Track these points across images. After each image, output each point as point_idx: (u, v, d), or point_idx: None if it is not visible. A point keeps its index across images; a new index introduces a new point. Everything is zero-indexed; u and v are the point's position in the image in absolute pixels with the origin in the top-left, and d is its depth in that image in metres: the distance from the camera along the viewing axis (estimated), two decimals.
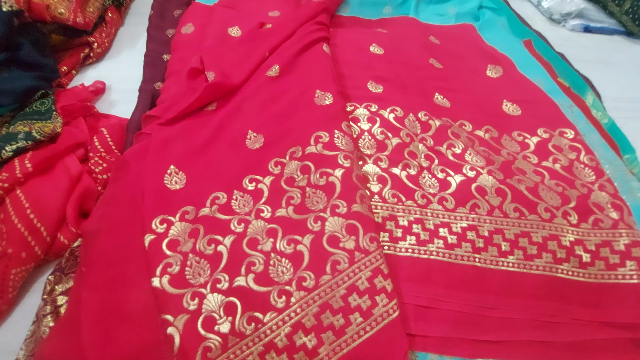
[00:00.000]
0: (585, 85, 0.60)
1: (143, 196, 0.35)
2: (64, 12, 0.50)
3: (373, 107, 0.44)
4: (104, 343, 0.28)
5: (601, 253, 0.35)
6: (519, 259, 0.35)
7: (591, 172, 0.41)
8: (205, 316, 0.28)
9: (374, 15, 0.64)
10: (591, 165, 0.42)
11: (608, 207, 0.38)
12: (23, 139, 0.37)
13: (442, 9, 0.67)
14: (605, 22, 0.81)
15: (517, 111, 0.48)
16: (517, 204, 0.37)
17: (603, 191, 0.39)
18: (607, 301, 0.34)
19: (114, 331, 0.28)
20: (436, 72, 0.52)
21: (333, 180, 0.36)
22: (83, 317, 0.28)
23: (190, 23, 0.56)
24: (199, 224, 0.33)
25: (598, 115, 0.56)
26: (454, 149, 0.42)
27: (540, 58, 0.62)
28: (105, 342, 0.28)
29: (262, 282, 0.30)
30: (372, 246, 0.32)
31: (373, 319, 0.29)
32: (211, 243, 0.32)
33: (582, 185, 0.40)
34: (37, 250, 0.33)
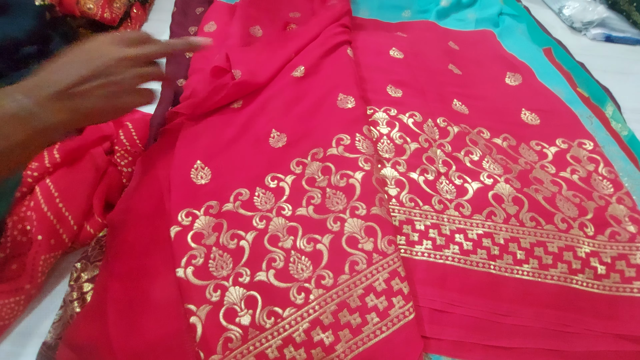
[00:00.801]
0: (605, 95, 0.59)
1: (170, 189, 0.36)
2: (93, 7, 0.52)
3: (392, 111, 0.44)
4: (129, 330, 0.29)
5: (617, 266, 0.35)
6: (534, 267, 0.35)
7: (609, 185, 0.41)
8: (227, 308, 0.29)
9: (393, 18, 0.65)
10: (610, 177, 0.42)
11: (625, 221, 0.38)
12: None
13: (462, 14, 0.67)
14: (628, 32, 0.80)
15: (535, 120, 0.48)
16: (533, 213, 0.37)
17: (621, 204, 0.39)
18: (621, 314, 0.34)
19: (139, 319, 0.29)
20: (455, 78, 0.52)
21: (353, 182, 0.36)
22: (109, 305, 0.29)
23: (212, 21, 0.57)
24: (223, 219, 0.34)
25: (618, 127, 0.55)
26: (472, 156, 0.42)
27: (560, 67, 0.62)
28: (130, 329, 0.29)
29: (282, 278, 0.31)
30: (390, 249, 0.32)
31: (389, 320, 0.30)
32: (234, 238, 0.33)
33: (599, 198, 0.40)
34: (64, 238, 0.34)
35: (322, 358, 0.28)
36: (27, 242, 0.32)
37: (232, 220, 0.34)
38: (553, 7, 0.82)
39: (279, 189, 0.37)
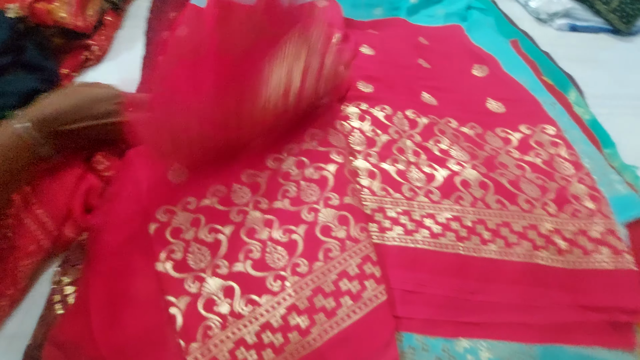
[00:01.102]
0: (568, 82, 0.62)
1: (147, 189, 0.36)
2: (65, 16, 0.52)
3: (363, 105, 0.46)
4: (111, 325, 0.30)
5: (578, 241, 0.38)
6: (500, 247, 0.37)
7: (571, 166, 0.43)
8: (206, 298, 0.31)
9: (365, 16, 0.67)
10: (571, 159, 0.44)
11: (585, 198, 0.40)
12: None
13: (431, 10, 0.69)
14: (591, 21, 0.83)
15: (501, 109, 0.50)
16: (499, 195, 0.39)
17: (582, 184, 0.42)
18: (583, 286, 0.36)
19: (121, 314, 0.31)
20: (424, 72, 0.54)
21: (326, 174, 0.38)
22: (91, 303, 0.30)
23: (184, 25, 0.58)
24: (200, 214, 0.35)
25: (580, 112, 0.58)
26: (440, 145, 0.44)
27: (526, 57, 0.64)
28: (112, 324, 0.30)
29: (259, 268, 0.32)
30: (362, 235, 0.34)
31: (362, 302, 0.31)
32: (212, 232, 0.35)
33: (561, 178, 0.42)
34: (44, 243, 0.35)
35: (299, 341, 0.29)
36: (8, 248, 0.33)
37: (210, 215, 0.35)
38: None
39: (254, 184, 0.38)
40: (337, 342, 0.30)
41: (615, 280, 0.36)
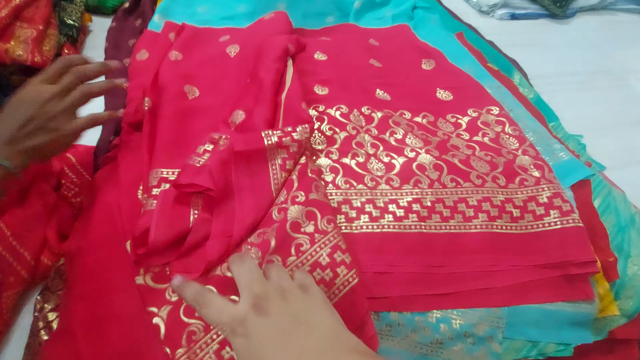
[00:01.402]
0: (511, 66, 0.67)
1: (120, 212, 0.38)
2: (22, 54, 0.53)
3: (320, 107, 0.49)
4: (99, 344, 0.31)
5: (528, 207, 0.41)
6: (459, 221, 0.40)
7: (515, 141, 0.47)
8: (186, 305, 0.32)
9: (317, 25, 0.70)
10: (514, 134, 0.48)
11: (531, 168, 0.44)
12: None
13: (379, 13, 0.73)
14: (529, 8, 0.90)
15: (449, 97, 0.54)
16: (452, 175, 0.42)
17: (526, 155, 0.45)
18: (538, 247, 0.39)
19: (106, 332, 0.31)
20: (376, 71, 0.57)
21: (292, 177, 0.40)
22: (76, 325, 0.31)
23: (144, 49, 0.60)
24: None
25: (525, 92, 0.63)
26: (396, 135, 0.47)
27: (471, 48, 0.69)
28: (99, 343, 0.31)
29: None
30: (329, 227, 0.36)
31: (336, 288, 0.33)
32: None
33: (507, 153, 0.46)
34: (23, 273, 0.35)
35: None
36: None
37: None
38: None
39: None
40: None
41: (566, 237, 0.39)
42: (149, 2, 0.75)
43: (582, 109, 0.66)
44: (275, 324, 0.23)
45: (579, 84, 0.74)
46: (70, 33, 0.63)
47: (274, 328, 0.23)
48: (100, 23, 0.73)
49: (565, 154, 0.48)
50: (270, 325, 0.23)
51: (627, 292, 0.40)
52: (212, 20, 0.70)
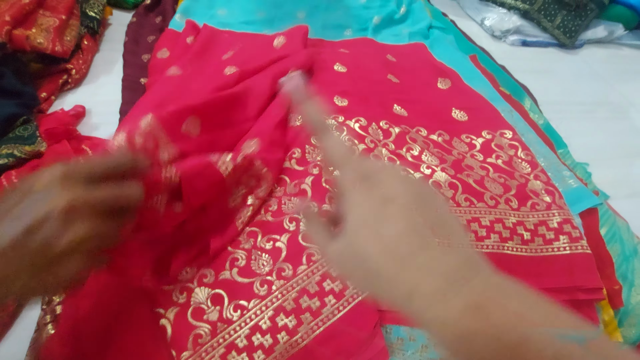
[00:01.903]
0: (523, 92, 0.69)
1: None
2: (43, 42, 0.53)
3: (340, 118, 0.49)
4: (105, 343, 0.30)
5: (539, 231, 0.41)
6: (472, 240, 0.40)
7: (527, 165, 0.48)
8: (194, 307, 0.32)
9: (336, 37, 0.71)
10: (527, 159, 0.49)
11: (542, 193, 0.45)
12: (5, 156, 0.39)
13: (396, 29, 0.75)
14: (540, 37, 0.92)
15: (464, 117, 0.55)
16: (467, 194, 0.43)
17: (537, 180, 0.46)
18: (547, 270, 0.39)
19: (112, 331, 0.31)
20: (394, 86, 0.58)
21: (304, 187, 0.40)
22: (82, 323, 0.30)
23: (165, 48, 0.60)
24: None
25: (535, 117, 0.64)
26: (412, 152, 0.47)
27: (484, 70, 0.70)
28: (105, 342, 0.30)
29: (246, 275, 0.34)
30: None
31: (345, 300, 0.33)
32: None
33: (520, 176, 0.46)
34: None
35: (287, 341, 0.30)
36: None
37: None
38: (476, 19, 0.93)
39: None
40: (323, 339, 0.31)
41: (574, 263, 0.39)
42: (170, 1, 0.76)
43: (586, 137, 0.68)
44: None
45: (583, 113, 0.75)
46: (91, 25, 0.63)
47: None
48: (120, 17, 0.73)
49: (574, 182, 0.49)
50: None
51: (630, 320, 0.40)
52: (232, 23, 0.71)
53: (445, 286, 0.17)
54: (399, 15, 0.77)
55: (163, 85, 0.49)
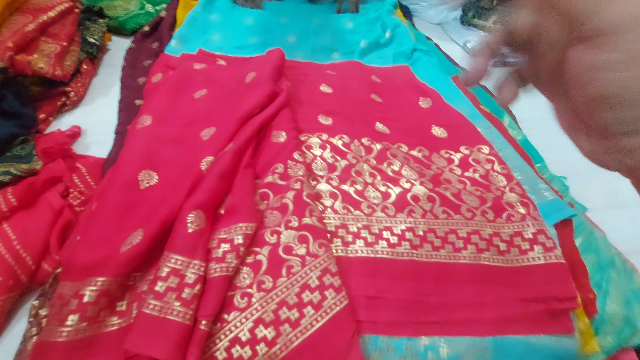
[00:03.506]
0: (502, 110, 0.72)
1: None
2: (44, 67, 0.56)
3: (324, 136, 0.52)
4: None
5: (514, 242, 0.43)
6: (449, 251, 0.42)
7: (503, 179, 0.50)
8: None
9: (324, 59, 0.75)
10: (503, 172, 0.51)
11: (517, 205, 0.47)
12: (2, 174, 0.41)
13: (381, 52, 0.79)
14: (519, 56, 0.96)
15: (443, 134, 0.57)
16: (444, 207, 0.45)
17: (513, 192, 0.48)
18: (522, 280, 0.41)
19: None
20: (377, 105, 0.61)
21: (286, 201, 0.42)
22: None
23: (159, 73, 0.63)
24: None
25: (514, 133, 0.67)
26: (393, 167, 0.50)
27: (465, 90, 0.74)
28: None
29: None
30: (320, 250, 0.37)
31: (323, 310, 0.34)
32: None
33: (496, 189, 0.48)
34: (22, 278, 0.36)
35: (266, 352, 0.31)
36: None
37: None
38: (459, 42, 0.98)
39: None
40: (302, 350, 0.32)
41: (548, 273, 0.41)
42: (167, 27, 0.80)
43: (566, 152, 0.70)
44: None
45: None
46: (91, 50, 0.67)
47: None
48: (119, 42, 0.77)
49: (550, 194, 0.51)
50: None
51: (606, 328, 0.41)
52: (226, 48, 0.75)
53: None
54: (384, 39, 0.81)
55: (136, 140, 0.47)
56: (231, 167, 0.42)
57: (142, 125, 0.49)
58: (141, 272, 0.36)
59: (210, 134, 0.49)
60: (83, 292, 0.31)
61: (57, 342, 0.29)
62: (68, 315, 0.30)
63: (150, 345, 0.29)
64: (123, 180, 0.41)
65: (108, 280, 0.32)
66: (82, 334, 0.30)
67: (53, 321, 0.31)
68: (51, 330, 0.30)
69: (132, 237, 0.36)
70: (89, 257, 0.34)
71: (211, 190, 0.39)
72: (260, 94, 0.50)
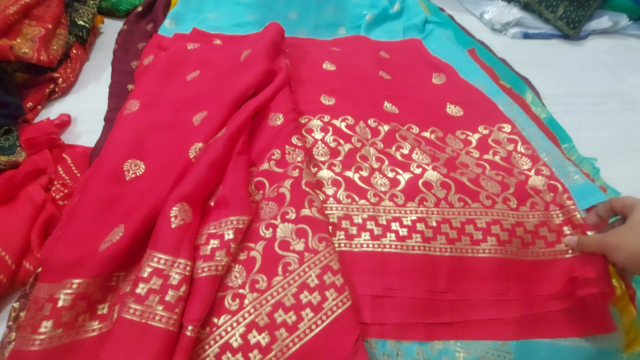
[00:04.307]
0: (524, 85, 0.65)
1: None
2: (28, 52, 0.53)
3: (325, 117, 0.47)
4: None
5: (540, 232, 0.38)
6: (467, 244, 0.37)
7: (528, 160, 0.45)
8: None
9: (329, 36, 0.69)
10: (527, 153, 0.45)
11: (544, 189, 0.41)
12: None
13: (390, 26, 0.72)
14: (542, 28, 0.88)
15: (459, 112, 0.52)
16: (461, 194, 0.40)
17: (539, 175, 0.43)
18: (548, 276, 0.36)
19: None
20: (385, 83, 0.56)
21: (283, 191, 0.38)
22: None
23: (151, 55, 0.59)
24: None
25: (537, 111, 0.61)
26: (402, 150, 0.45)
27: (483, 64, 0.67)
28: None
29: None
30: (320, 246, 0.34)
31: (323, 313, 0.30)
32: None
33: (519, 173, 0.43)
34: (2, 278, 0.33)
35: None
36: None
37: None
38: (475, 13, 0.90)
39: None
40: (299, 357, 0.29)
41: (579, 266, 0.36)
42: (162, 7, 0.75)
43: (594, 131, 0.64)
44: None
45: (590, 105, 0.72)
46: (80, 34, 0.63)
47: None
48: (112, 25, 0.73)
49: (580, 177, 0.45)
50: None
51: None
52: (223, 27, 0.70)
53: None
54: (393, 11, 0.75)
55: (123, 128, 0.44)
56: (223, 156, 0.38)
57: (129, 110, 0.46)
58: (124, 272, 0.33)
59: (202, 119, 0.45)
60: (58, 296, 0.28)
61: (30, 351, 0.27)
62: (41, 322, 0.28)
63: (130, 354, 0.26)
64: (107, 171, 0.38)
65: (85, 282, 0.29)
66: (57, 341, 0.28)
67: (27, 327, 0.28)
68: (24, 338, 0.27)
69: (112, 234, 0.32)
70: (66, 256, 0.31)
71: (199, 180, 0.35)
72: (254, 72, 0.46)
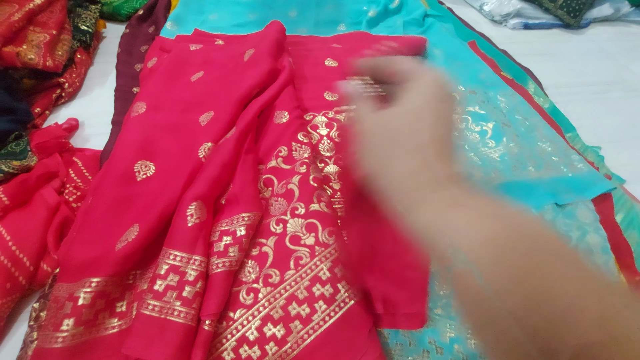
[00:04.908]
0: (526, 76, 0.66)
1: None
2: (34, 58, 0.53)
3: (330, 113, 0.48)
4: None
5: None
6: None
7: None
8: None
9: (329, 33, 0.70)
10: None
11: None
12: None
13: (390, 21, 0.73)
14: (542, 18, 0.88)
15: None
16: None
17: None
18: None
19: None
20: None
21: (292, 187, 0.38)
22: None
23: (155, 57, 0.60)
24: None
25: (540, 101, 0.61)
26: None
27: (484, 56, 0.68)
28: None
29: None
30: (330, 239, 0.34)
31: (336, 305, 0.31)
32: None
33: None
34: (21, 280, 0.34)
35: (276, 352, 0.29)
36: None
37: None
38: (475, 5, 0.90)
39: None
40: (315, 348, 0.29)
41: None
42: (163, 10, 0.76)
43: (598, 120, 0.64)
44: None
45: (594, 94, 0.72)
46: (84, 39, 0.64)
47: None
48: (115, 29, 0.74)
49: (584, 166, 0.46)
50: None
51: None
52: (224, 27, 0.71)
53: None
54: (393, 6, 0.75)
55: (131, 129, 0.44)
56: (234, 155, 0.39)
57: (136, 113, 0.46)
58: (141, 270, 0.34)
59: (209, 119, 0.45)
60: (77, 294, 0.29)
61: (53, 348, 0.28)
62: (63, 320, 0.28)
63: (150, 349, 0.27)
64: (118, 172, 0.39)
65: (104, 280, 0.30)
66: (79, 338, 0.28)
67: (49, 326, 0.29)
68: (47, 336, 0.28)
69: (128, 234, 0.33)
70: (83, 256, 0.32)
71: (213, 180, 0.36)
72: (258, 72, 0.46)
